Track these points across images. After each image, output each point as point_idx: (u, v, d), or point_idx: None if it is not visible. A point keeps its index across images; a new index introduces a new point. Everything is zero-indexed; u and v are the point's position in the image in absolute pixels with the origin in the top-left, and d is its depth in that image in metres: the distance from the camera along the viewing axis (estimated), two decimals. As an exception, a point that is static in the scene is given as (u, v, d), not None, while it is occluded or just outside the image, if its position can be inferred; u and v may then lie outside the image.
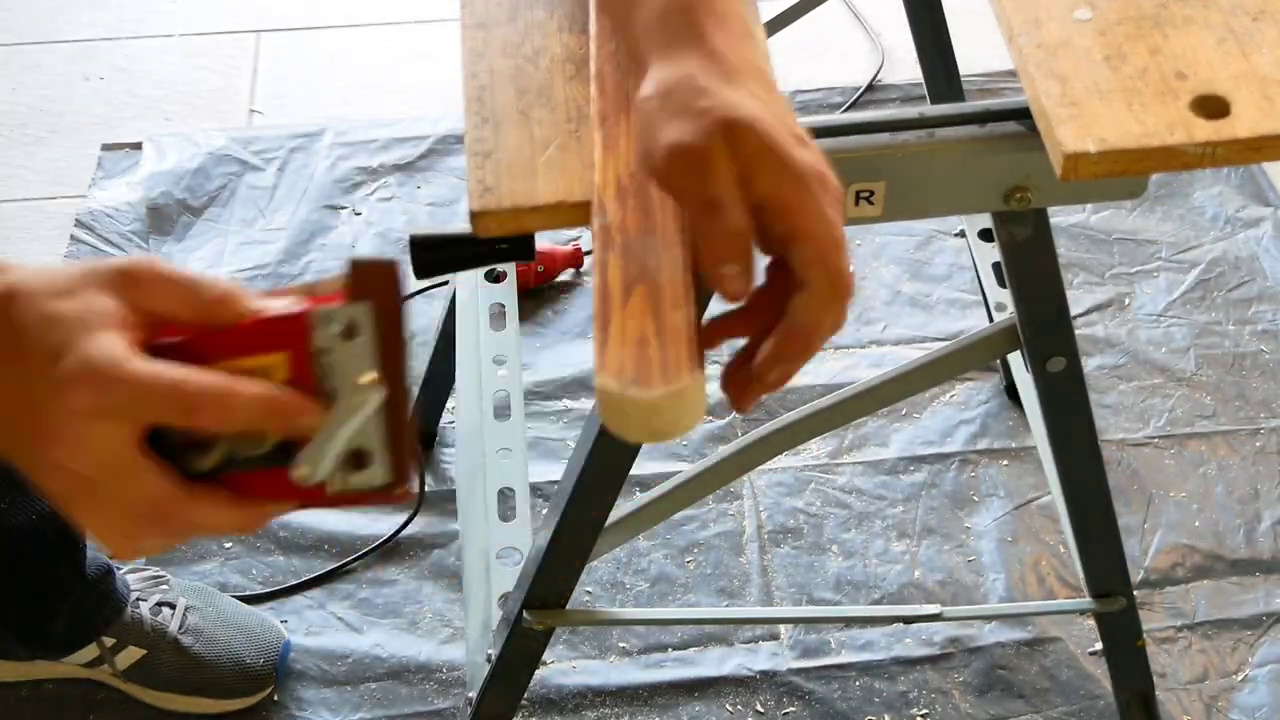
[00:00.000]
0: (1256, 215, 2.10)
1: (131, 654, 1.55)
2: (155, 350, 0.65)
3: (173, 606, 1.58)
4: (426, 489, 1.78)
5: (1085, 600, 1.38)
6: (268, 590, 1.69)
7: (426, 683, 1.62)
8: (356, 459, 0.66)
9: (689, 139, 0.70)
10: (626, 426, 0.68)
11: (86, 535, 1.49)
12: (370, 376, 0.65)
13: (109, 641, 1.55)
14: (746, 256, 0.70)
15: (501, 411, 1.47)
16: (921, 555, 1.73)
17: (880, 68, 2.33)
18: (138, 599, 1.57)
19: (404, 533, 1.74)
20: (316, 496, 0.66)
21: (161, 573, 1.62)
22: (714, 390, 1.88)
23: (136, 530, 0.65)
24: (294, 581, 1.70)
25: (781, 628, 1.66)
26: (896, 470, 1.81)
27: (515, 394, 1.48)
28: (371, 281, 0.65)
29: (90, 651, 1.56)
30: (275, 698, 1.60)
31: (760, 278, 0.72)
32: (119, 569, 1.58)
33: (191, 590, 1.62)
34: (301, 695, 1.61)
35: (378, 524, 1.75)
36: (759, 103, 0.72)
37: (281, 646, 1.60)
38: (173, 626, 1.57)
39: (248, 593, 1.68)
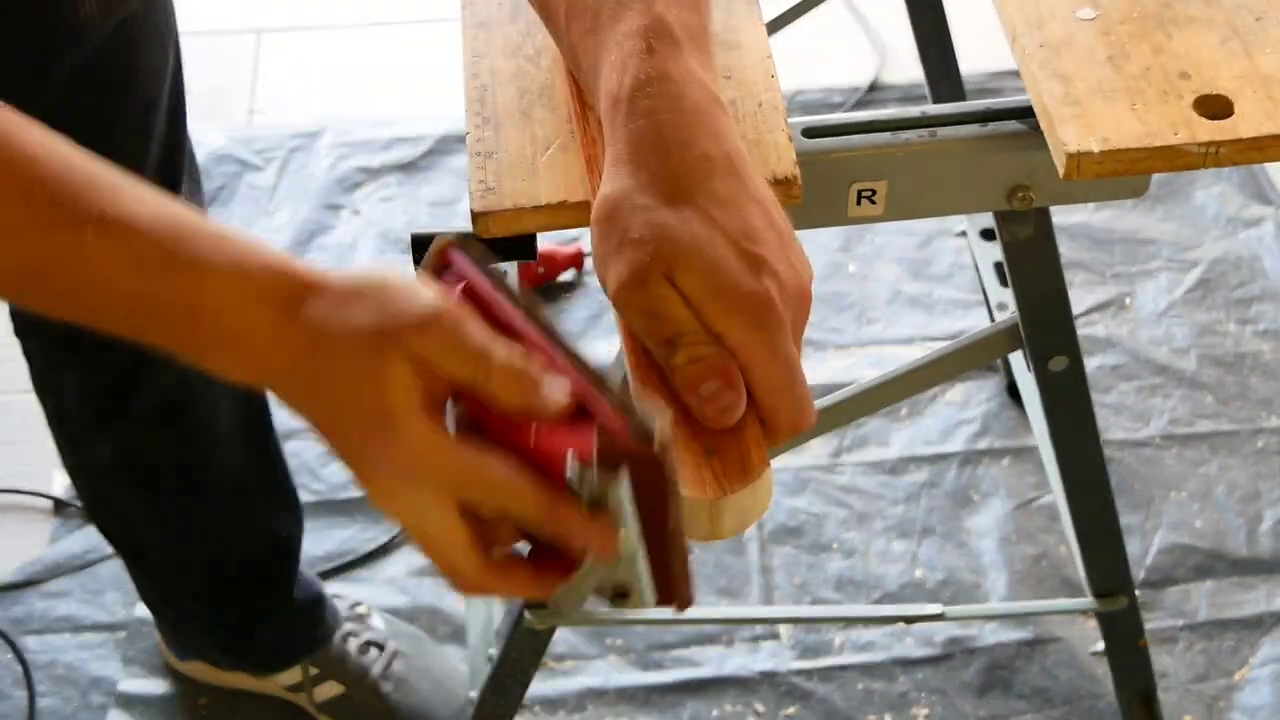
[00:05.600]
0: (1258, 214, 2.09)
1: (331, 688, 1.55)
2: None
3: (381, 648, 1.57)
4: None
5: (1087, 600, 1.38)
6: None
7: (427, 683, 1.62)
8: (618, 591, 0.67)
9: (630, 281, 0.69)
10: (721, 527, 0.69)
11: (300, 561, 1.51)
12: (625, 533, 0.64)
13: (313, 671, 1.55)
14: (718, 374, 0.68)
15: (502, 411, 1.47)
16: (922, 555, 1.72)
17: (880, 68, 2.33)
18: (347, 634, 1.56)
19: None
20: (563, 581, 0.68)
21: (368, 611, 1.61)
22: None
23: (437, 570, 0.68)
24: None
25: (782, 628, 1.66)
26: (897, 470, 1.81)
27: (516, 394, 1.48)
28: (636, 455, 0.63)
29: (294, 675, 1.55)
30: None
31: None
32: (331, 599, 1.57)
33: (403, 634, 1.61)
34: (302, 695, 1.61)
35: (378, 525, 1.75)
36: (702, 220, 0.69)
37: (463, 700, 1.57)
38: (375, 669, 1.55)
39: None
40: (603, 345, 1.93)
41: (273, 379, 0.65)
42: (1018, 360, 1.68)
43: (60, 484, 1.79)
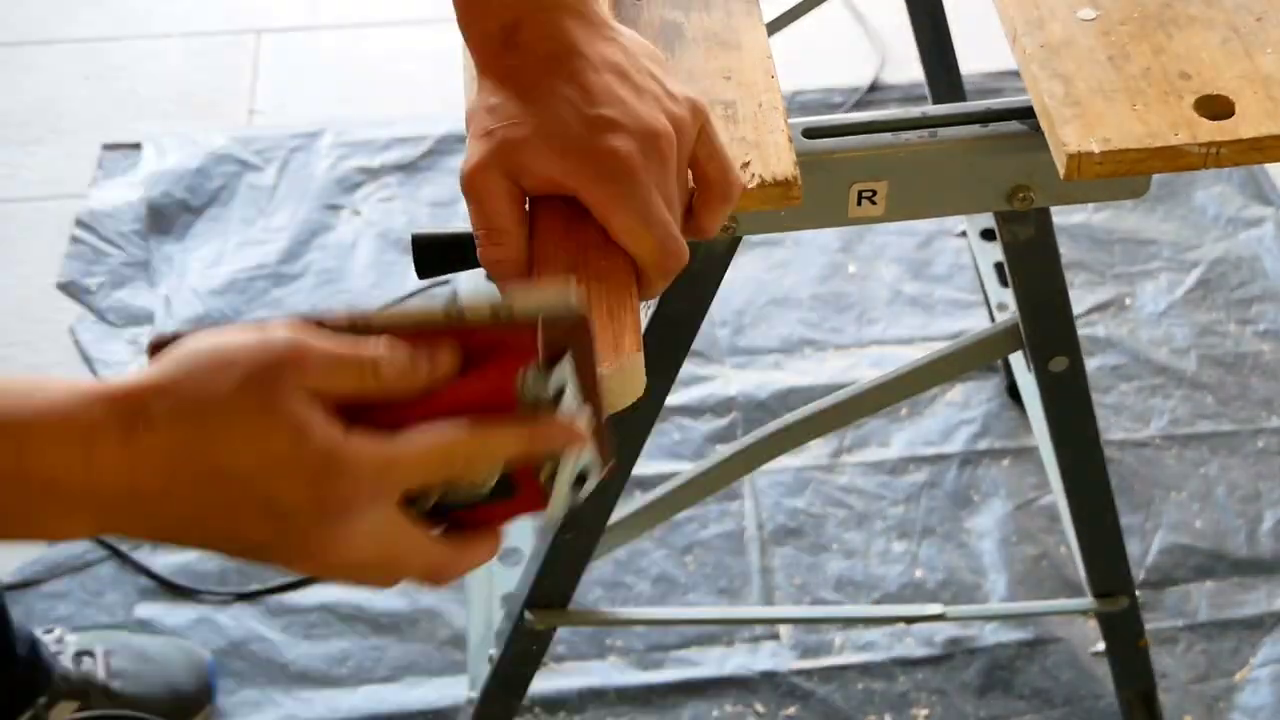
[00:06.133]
0: (1258, 215, 2.09)
1: (65, 709, 1.53)
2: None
3: (91, 654, 1.56)
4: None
5: (1087, 600, 1.38)
6: (263, 588, 1.69)
7: (428, 683, 1.62)
8: (579, 480, 0.66)
9: (470, 172, 0.71)
10: None
11: (10, 611, 1.48)
12: (584, 416, 0.63)
13: (41, 701, 1.52)
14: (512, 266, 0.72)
15: (502, 411, 1.47)
16: (922, 555, 1.72)
17: (880, 68, 2.33)
18: (57, 653, 1.55)
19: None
20: (532, 510, 0.66)
21: (54, 627, 1.60)
22: (714, 390, 1.88)
23: (413, 583, 0.64)
24: (292, 580, 1.70)
25: (782, 628, 1.66)
26: (897, 470, 1.81)
27: (516, 394, 1.48)
28: (564, 332, 0.62)
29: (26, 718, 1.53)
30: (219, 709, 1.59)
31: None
32: (42, 633, 1.56)
33: (102, 636, 1.61)
34: (304, 696, 1.61)
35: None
36: (546, 101, 0.72)
37: (207, 665, 1.59)
38: (99, 674, 1.55)
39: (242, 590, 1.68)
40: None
41: (142, 510, 0.57)
42: (1018, 360, 1.68)
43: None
